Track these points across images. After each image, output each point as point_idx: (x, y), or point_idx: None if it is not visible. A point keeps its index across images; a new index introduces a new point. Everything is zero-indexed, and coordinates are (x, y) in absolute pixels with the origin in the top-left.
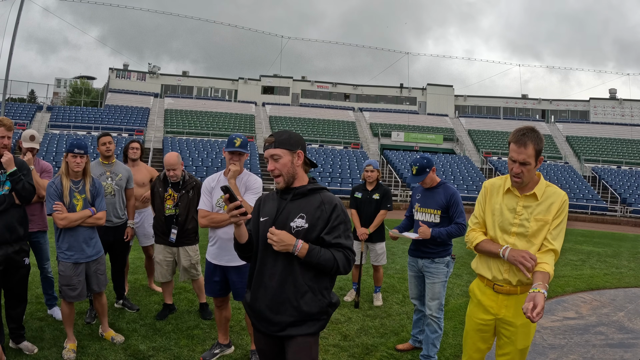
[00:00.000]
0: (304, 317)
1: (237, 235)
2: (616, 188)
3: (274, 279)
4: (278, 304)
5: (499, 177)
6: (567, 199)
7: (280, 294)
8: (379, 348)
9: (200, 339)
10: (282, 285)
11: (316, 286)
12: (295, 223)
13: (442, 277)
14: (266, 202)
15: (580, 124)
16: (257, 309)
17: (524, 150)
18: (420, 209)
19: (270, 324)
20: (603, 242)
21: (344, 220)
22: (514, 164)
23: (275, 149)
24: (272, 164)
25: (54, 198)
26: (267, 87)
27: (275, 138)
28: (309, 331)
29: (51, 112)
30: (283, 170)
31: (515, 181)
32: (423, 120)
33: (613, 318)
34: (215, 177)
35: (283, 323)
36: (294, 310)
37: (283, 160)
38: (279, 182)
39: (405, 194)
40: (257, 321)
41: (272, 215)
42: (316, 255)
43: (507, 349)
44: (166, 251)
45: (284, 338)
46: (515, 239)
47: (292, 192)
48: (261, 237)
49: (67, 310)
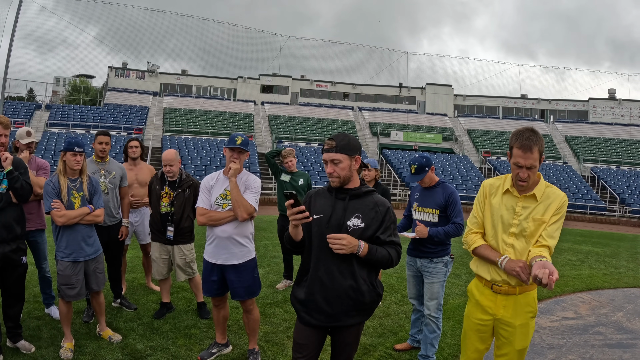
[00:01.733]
0: (359, 307)
1: (293, 234)
2: (615, 188)
3: (332, 273)
4: (336, 297)
5: (497, 177)
6: (566, 199)
7: (338, 288)
8: (377, 348)
9: (197, 338)
10: (340, 279)
11: (369, 279)
12: (352, 222)
13: (441, 276)
14: (317, 199)
15: (580, 124)
16: (312, 303)
17: (530, 155)
18: (419, 208)
19: (326, 315)
20: (602, 242)
21: (394, 220)
22: (520, 169)
23: (336, 153)
24: (332, 167)
25: (52, 196)
26: (266, 86)
27: (336, 142)
28: (362, 320)
29: (50, 111)
30: (342, 174)
31: (521, 185)
32: (422, 119)
33: (612, 318)
34: (214, 175)
35: (339, 315)
36: (351, 302)
37: (343, 164)
38: (334, 182)
39: (404, 193)
40: (309, 314)
41: (327, 213)
42: (374, 253)
43: (506, 349)
44: (162, 249)
45: (335, 327)
46: (514, 239)
47: (348, 193)
48: (315, 233)
49: (64, 310)
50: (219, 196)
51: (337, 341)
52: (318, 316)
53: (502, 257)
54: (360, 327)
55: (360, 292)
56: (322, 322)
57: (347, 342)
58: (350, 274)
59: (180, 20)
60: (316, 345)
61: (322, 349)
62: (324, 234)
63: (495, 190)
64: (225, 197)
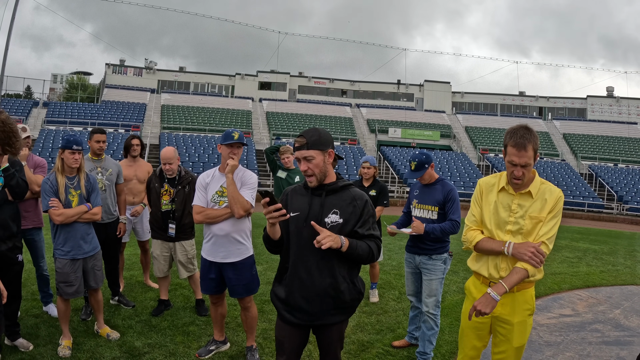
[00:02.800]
0: (339, 305)
1: (270, 233)
2: (613, 186)
3: (311, 272)
4: (315, 295)
5: (493, 176)
6: (562, 195)
7: (318, 286)
8: (375, 345)
9: (195, 335)
10: (320, 278)
11: (349, 277)
12: (329, 219)
13: (439, 273)
14: (294, 197)
15: (578, 122)
16: (292, 302)
17: (524, 153)
18: (418, 205)
19: (306, 314)
20: (599, 239)
21: (373, 214)
22: (515, 168)
23: (308, 150)
24: (305, 164)
25: (49, 195)
26: (264, 83)
27: (306, 139)
28: (343, 318)
29: (47, 108)
30: (316, 170)
31: (516, 184)
32: (420, 116)
33: (609, 315)
34: (210, 173)
35: (320, 313)
36: (331, 300)
37: (316, 160)
38: (311, 182)
39: (402, 190)
40: (291, 313)
41: (305, 211)
42: (355, 247)
43: (503, 347)
44: (163, 246)
45: (317, 326)
46: (511, 237)
47: (324, 189)
48: (293, 231)
49: (62, 307)
50: (215, 193)
51: (322, 340)
52: (299, 315)
53: (507, 244)
54: (343, 325)
55: (340, 291)
56: (303, 321)
57: (330, 341)
58: (330, 272)
59: (175, 17)
60: (298, 343)
61: (305, 345)
62: (302, 232)
63: (491, 188)
64: (222, 194)
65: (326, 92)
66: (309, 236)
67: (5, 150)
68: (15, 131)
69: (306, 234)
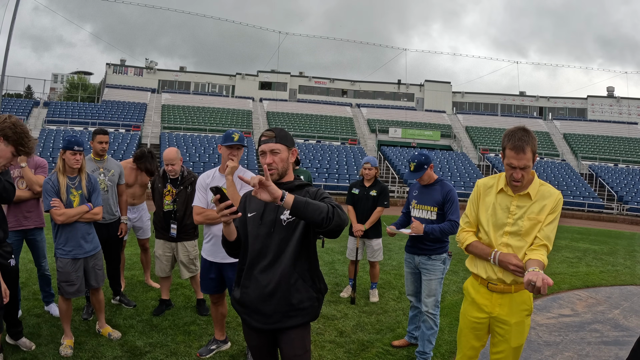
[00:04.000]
0: (296, 307)
1: (226, 233)
2: (613, 186)
3: (266, 270)
4: (270, 295)
5: (491, 177)
6: (561, 197)
7: (272, 286)
8: (375, 344)
9: (196, 334)
10: (274, 276)
11: (308, 275)
12: (284, 215)
13: (439, 274)
14: (251, 198)
15: (578, 122)
16: (248, 303)
17: (523, 155)
18: (417, 205)
19: (263, 316)
20: (599, 239)
21: (328, 195)
22: (514, 170)
23: (276, 143)
24: (271, 157)
25: (51, 195)
26: (265, 83)
27: (275, 133)
28: (302, 321)
29: (48, 108)
30: (279, 165)
31: (515, 186)
32: (420, 116)
33: (608, 315)
34: (210, 173)
35: (276, 315)
36: (285, 301)
37: (282, 155)
38: (272, 175)
39: (402, 191)
40: (249, 315)
41: (260, 210)
42: (303, 202)
43: (501, 347)
44: (165, 246)
45: (276, 330)
46: (509, 238)
47: (281, 187)
48: (250, 232)
49: (64, 307)
50: None
51: (282, 350)
52: (257, 317)
53: (493, 252)
54: (305, 332)
55: (296, 289)
56: (261, 324)
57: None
58: (285, 271)
59: (173, 17)
60: (269, 348)
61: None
62: (258, 232)
63: (489, 190)
64: None
65: (327, 92)
66: (265, 235)
67: (20, 151)
68: (26, 132)
69: (262, 233)
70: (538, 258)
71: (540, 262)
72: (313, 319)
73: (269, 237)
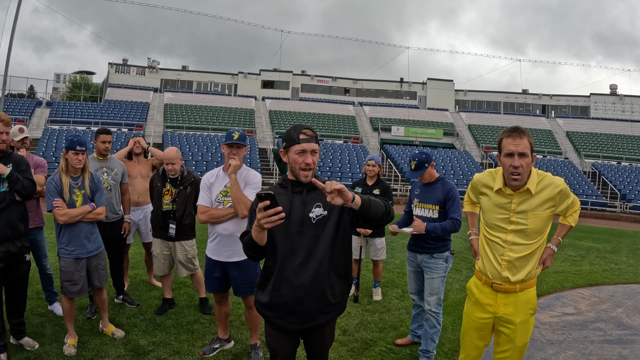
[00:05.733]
0: (331, 302)
1: (259, 239)
2: (616, 184)
3: (298, 270)
4: (306, 295)
5: (487, 173)
6: (563, 183)
7: (307, 285)
8: (378, 343)
9: (200, 333)
10: (308, 276)
11: (341, 270)
12: (313, 213)
13: (441, 272)
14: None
15: (581, 120)
16: (282, 306)
17: (520, 141)
18: (419, 204)
19: (298, 317)
20: (602, 238)
21: None
22: (511, 158)
23: (316, 143)
24: (311, 157)
25: (53, 195)
26: (267, 82)
27: (314, 133)
28: (335, 316)
29: (50, 108)
30: (315, 165)
31: (514, 179)
32: (423, 114)
33: (612, 314)
34: (214, 172)
35: (312, 314)
36: (320, 298)
37: (318, 155)
38: (307, 176)
39: (405, 189)
40: (282, 318)
41: (286, 209)
42: (369, 201)
43: (506, 346)
44: (163, 245)
45: (310, 329)
46: (514, 236)
47: (305, 186)
48: (277, 232)
49: (67, 306)
50: (219, 193)
51: (311, 342)
52: (291, 318)
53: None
54: (334, 322)
55: (330, 285)
56: (296, 325)
57: (322, 341)
58: (320, 268)
59: (171, 16)
60: (293, 348)
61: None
62: (286, 231)
63: (485, 190)
64: (226, 194)
65: (329, 91)
66: (294, 234)
67: None
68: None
69: (291, 232)
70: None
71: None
72: (343, 311)
73: (299, 236)
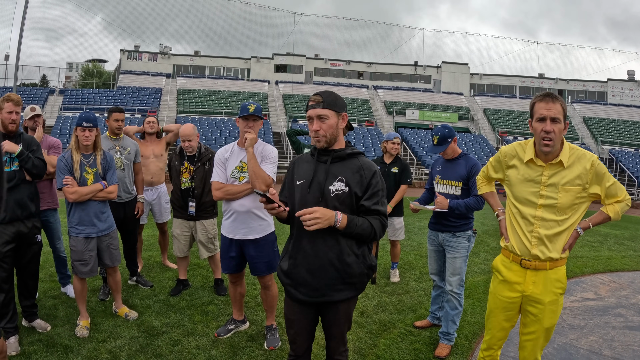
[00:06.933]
0: (346, 280)
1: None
2: (634, 171)
3: (315, 243)
4: (319, 267)
5: (516, 144)
6: (596, 159)
7: (322, 257)
8: (397, 325)
9: (214, 314)
10: (324, 249)
11: (358, 249)
12: (334, 187)
13: (464, 251)
14: (300, 164)
15: (598, 105)
16: (295, 275)
17: (553, 105)
18: (441, 180)
19: (310, 289)
20: (620, 224)
21: (382, 187)
22: (543, 123)
23: (323, 109)
24: (318, 124)
25: (64, 172)
26: (280, 66)
27: (323, 98)
28: (350, 295)
29: (64, 95)
30: (328, 132)
31: (545, 144)
32: (438, 98)
33: (632, 300)
34: (228, 147)
35: (325, 287)
36: (336, 273)
37: (330, 121)
38: (319, 142)
39: (420, 172)
40: (295, 287)
41: (309, 178)
42: (355, 225)
43: (533, 327)
44: (183, 225)
45: (323, 304)
46: (543, 211)
47: (330, 155)
48: (298, 201)
49: (79, 287)
50: (234, 169)
51: (328, 320)
52: (303, 290)
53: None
54: (351, 303)
55: (346, 263)
56: (307, 297)
57: (337, 321)
58: (335, 243)
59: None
60: (309, 321)
61: (316, 324)
62: (306, 200)
63: (514, 161)
64: (242, 170)
65: (342, 74)
66: (314, 203)
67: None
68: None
69: (310, 202)
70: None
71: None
72: (360, 292)
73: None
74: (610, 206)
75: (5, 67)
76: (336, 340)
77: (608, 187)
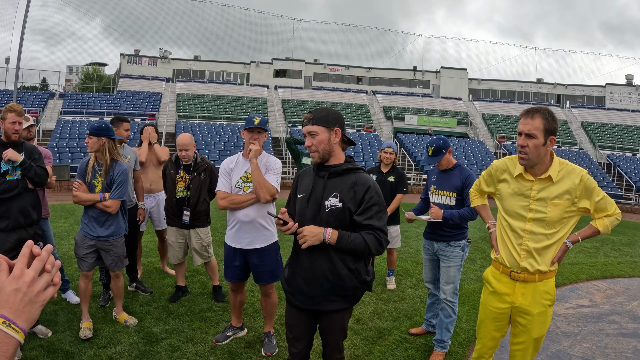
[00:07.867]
0: (339, 292)
1: None
2: (631, 176)
3: (312, 255)
4: (313, 279)
5: (507, 159)
6: (585, 174)
7: (316, 269)
8: (392, 332)
9: (213, 321)
10: (319, 262)
11: (353, 264)
12: (329, 202)
13: (458, 260)
14: (303, 178)
15: (596, 110)
16: (294, 283)
17: (530, 121)
18: (436, 191)
19: (306, 297)
20: (617, 230)
21: (377, 202)
22: (520, 138)
23: (312, 125)
24: (309, 140)
25: (78, 175)
26: (279, 71)
27: (313, 115)
28: (343, 306)
29: (63, 99)
30: (319, 147)
31: (521, 157)
32: (436, 103)
33: (627, 307)
34: (233, 158)
35: (318, 297)
36: (329, 285)
37: (320, 137)
38: (314, 157)
39: (418, 178)
40: (293, 295)
41: (308, 192)
42: (346, 241)
43: (523, 337)
44: (178, 233)
45: (318, 312)
46: (532, 225)
47: (327, 170)
48: (298, 213)
49: (83, 286)
50: (239, 179)
51: (322, 328)
52: (300, 297)
53: (490, 223)
54: (345, 314)
55: (339, 277)
56: (303, 304)
57: (331, 330)
58: (329, 257)
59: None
60: (307, 328)
61: (314, 331)
62: (304, 214)
63: (505, 176)
64: (246, 180)
65: (342, 79)
66: (311, 217)
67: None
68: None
69: (308, 216)
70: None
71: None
72: (353, 304)
73: (314, 220)
74: (600, 220)
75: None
76: (331, 348)
77: (597, 201)
